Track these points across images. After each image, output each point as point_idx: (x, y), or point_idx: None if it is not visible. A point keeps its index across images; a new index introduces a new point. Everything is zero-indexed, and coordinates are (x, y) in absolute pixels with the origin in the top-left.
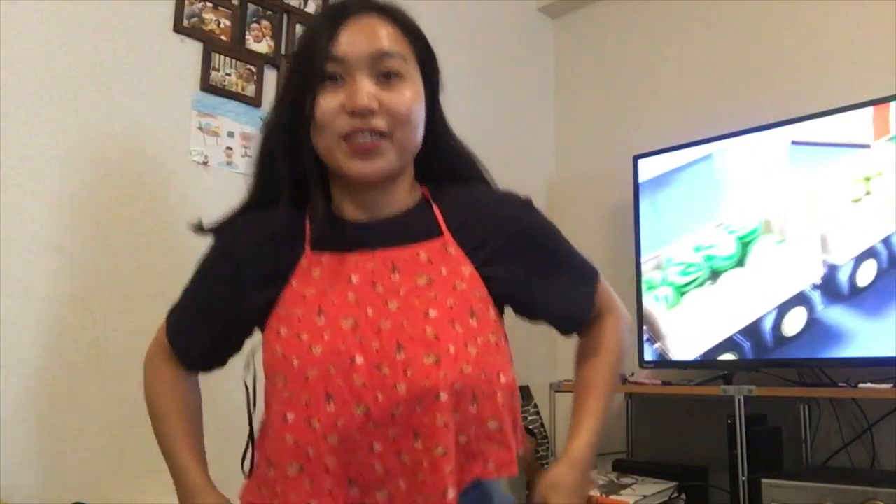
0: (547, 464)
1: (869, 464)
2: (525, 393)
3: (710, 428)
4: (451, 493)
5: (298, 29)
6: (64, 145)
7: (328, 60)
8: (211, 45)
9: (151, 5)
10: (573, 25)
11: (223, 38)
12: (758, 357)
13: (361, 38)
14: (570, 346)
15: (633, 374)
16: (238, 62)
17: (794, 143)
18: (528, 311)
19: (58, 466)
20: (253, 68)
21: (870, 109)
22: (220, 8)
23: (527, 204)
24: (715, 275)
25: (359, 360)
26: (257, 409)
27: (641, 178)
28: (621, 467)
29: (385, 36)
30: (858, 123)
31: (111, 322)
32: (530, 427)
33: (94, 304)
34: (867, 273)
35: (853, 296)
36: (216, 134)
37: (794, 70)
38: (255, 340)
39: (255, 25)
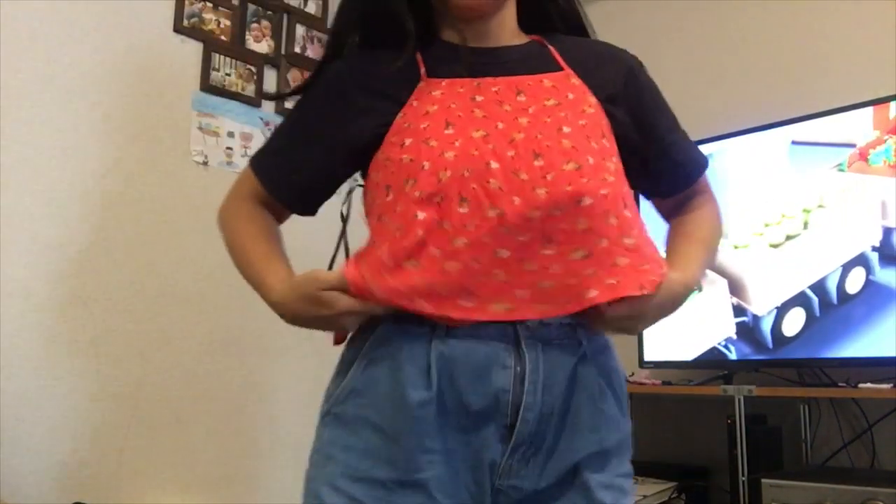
0: None
1: (869, 464)
2: None
3: (710, 428)
4: (594, 293)
5: (298, 29)
6: (64, 145)
7: None
8: (211, 45)
9: (151, 5)
10: None
11: (223, 38)
12: (758, 357)
13: None
14: None
15: (632, 374)
16: (238, 62)
17: (794, 143)
18: (641, 157)
19: (58, 466)
20: (253, 68)
21: (869, 109)
22: (220, 8)
23: (640, 62)
24: None
25: (494, 164)
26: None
27: None
28: None
29: None
30: (859, 124)
31: (111, 322)
32: None
33: (94, 304)
34: (795, 321)
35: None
36: (216, 134)
37: (794, 70)
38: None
39: (255, 25)
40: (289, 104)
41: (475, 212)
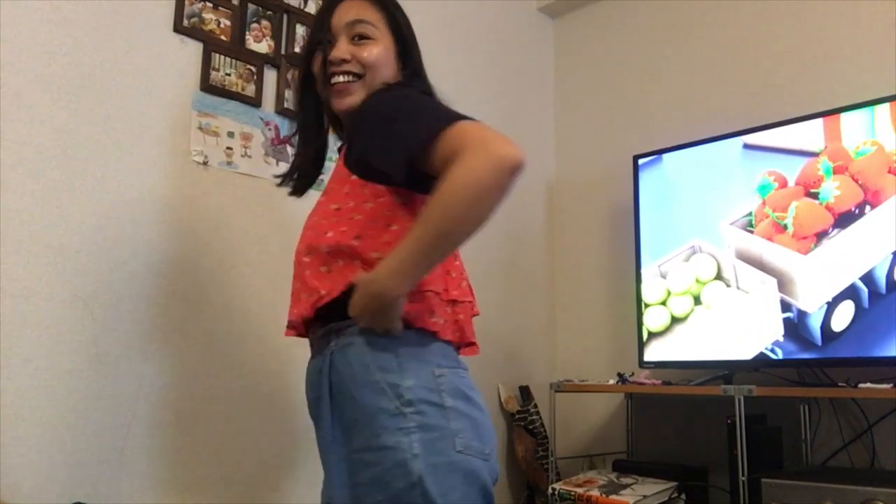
0: (546, 464)
1: (869, 464)
2: (525, 393)
3: (710, 428)
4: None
5: (298, 29)
6: (64, 145)
7: (323, 31)
8: (211, 45)
9: (151, 5)
10: (573, 25)
11: (223, 38)
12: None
13: (343, 13)
14: (571, 347)
15: (632, 374)
16: (238, 62)
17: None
18: (357, 168)
19: (58, 466)
20: (253, 68)
21: (869, 110)
22: (220, 8)
23: (375, 91)
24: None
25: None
26: None
27: (641, 178)
28: (621, 467)
29: (360, 10)
30: (858, 125)
31: (111, 322)
32: (530, 427)
33: (94, 304)
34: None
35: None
36: (216, 134)
37: (794, 70)
38: None
39: (255, 25)
40: (289, 106)
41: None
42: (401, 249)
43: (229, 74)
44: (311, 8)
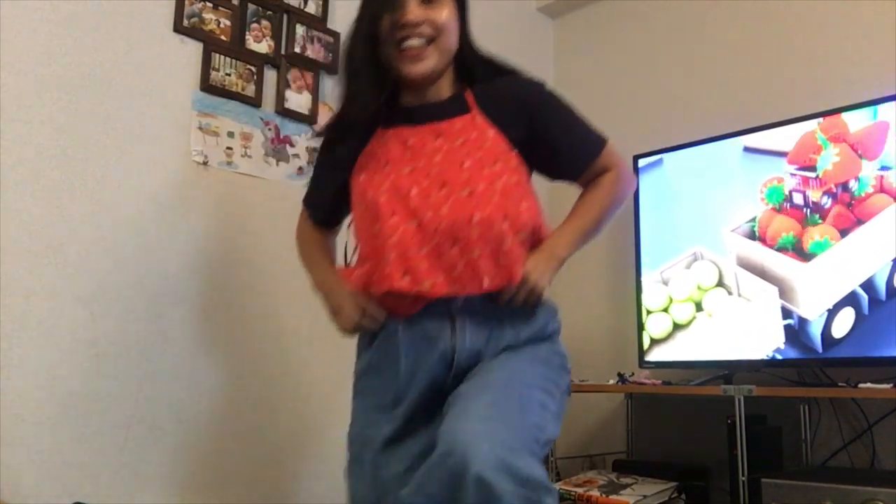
0: (546, 464)
1: (869, 464)
2: None
3: (710, 428)
4: (487, 282)
5: (298, 29)
6: (64, 145)
7: None
8: (211, 45)
9: (151, 5)
10: (573, 25)
11: (223, 38)
12: (759, 357)
13: None
14: (571, 347)
15: (632, 374)
16: (238, 62)
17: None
18: (544, 158)
19: (58, 466)
20: (253, 68)
21: (871, 110)
22: (220, 8)
23: (537, 84)
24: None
25: (413, 191)
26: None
27: (642, 180)
28: (621, 467)
29: None
30: (858, 124)
31: (111, 322)
32: None
33: (94, 304)
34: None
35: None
36: (216, 134)
37: (794, 70)
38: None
39: (255, 25)
40: (289, 106)
41: (401, 221)
42: (567, 230)
43: (229, 74)
44: (312, 8)
